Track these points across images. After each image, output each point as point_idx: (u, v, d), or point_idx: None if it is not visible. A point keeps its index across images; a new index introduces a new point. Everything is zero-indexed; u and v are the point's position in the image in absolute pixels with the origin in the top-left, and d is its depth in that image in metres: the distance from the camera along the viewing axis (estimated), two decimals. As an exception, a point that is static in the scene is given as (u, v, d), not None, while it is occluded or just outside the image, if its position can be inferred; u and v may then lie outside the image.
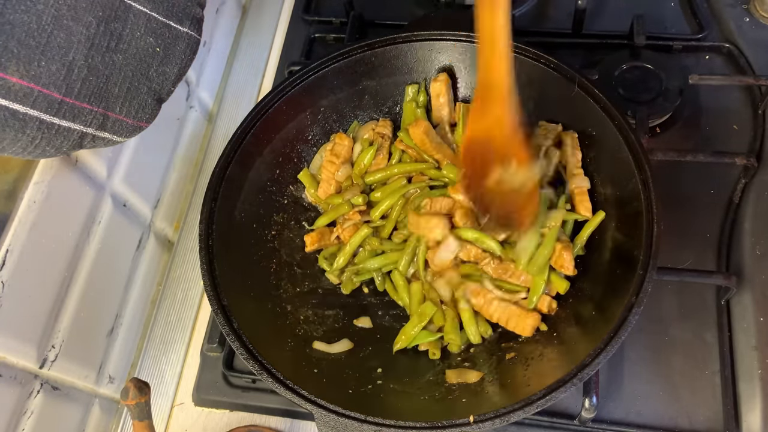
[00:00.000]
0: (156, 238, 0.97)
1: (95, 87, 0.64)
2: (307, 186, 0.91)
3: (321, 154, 0.92)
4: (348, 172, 0.90)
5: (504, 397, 0.71)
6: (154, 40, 0.69)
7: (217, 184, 0.81)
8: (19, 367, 0.71)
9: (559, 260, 0.77)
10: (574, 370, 0.65)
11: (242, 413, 0.86)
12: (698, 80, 0.95)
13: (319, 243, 0.88)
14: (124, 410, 0.89)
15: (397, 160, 0.91)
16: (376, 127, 0.93)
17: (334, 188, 0.90)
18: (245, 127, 0.84)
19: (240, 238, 0.83)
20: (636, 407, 0.80)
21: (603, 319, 0.69)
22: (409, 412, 0.74)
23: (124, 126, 0.70)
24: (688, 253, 0.88)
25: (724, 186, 0.92)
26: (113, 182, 0.85)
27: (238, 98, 1.13)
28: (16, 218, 0.69)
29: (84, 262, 0.81)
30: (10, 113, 0.57)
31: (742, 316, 0.82)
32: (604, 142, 0.80)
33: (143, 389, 0.67)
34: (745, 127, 0.96)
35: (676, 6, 1.10)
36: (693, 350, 0.82)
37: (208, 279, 0.75)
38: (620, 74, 0.99)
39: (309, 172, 0.92)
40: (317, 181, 0.91)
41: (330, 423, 0.66)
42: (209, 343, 0.86)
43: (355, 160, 0.91)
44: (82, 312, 0.80)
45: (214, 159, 0.83)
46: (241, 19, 1.23)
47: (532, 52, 0.84)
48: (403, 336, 0.80)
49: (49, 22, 0.58)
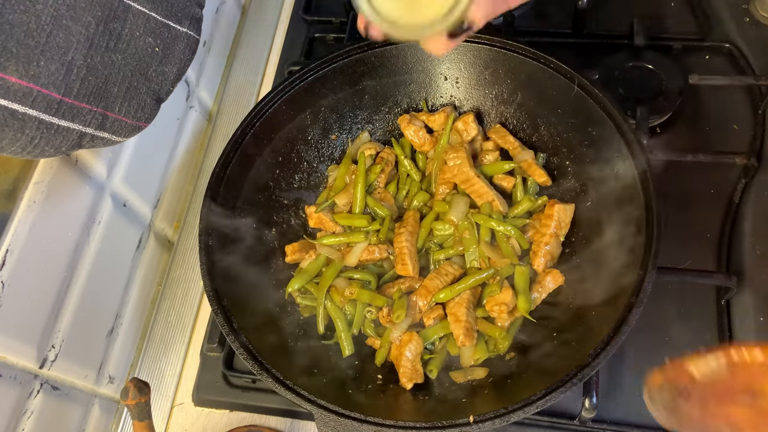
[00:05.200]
0: (156, 238, 0.97)
1: (94, 87, 0.64)
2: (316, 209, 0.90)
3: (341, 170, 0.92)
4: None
5: (504, 397, 0.71)
6: (153, 40, 0.69)
7: (217, 184, 0.81)
8: (19, 367, 0.71)
9: None
10: (574, 370, 0.65)
11: (242, 413, 0.86)
12: (698, 80, 0.95)
13: (299, 254, 0.87)
14: (124, 410, 0.89)
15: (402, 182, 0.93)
16: (381, 152, 0.94)
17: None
18: (245, 127, 0.84)
19: (240, 238, 0.83)
20: (636, 407, 0.80)
21: (603, 319, 0.69)
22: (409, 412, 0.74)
23: (124, 126, 0.70)
24: (688, 253, 0.87)
25: (724, 186, 0.92)
26: (113, 182, 0.85)
27: (238, 98, 1.13)
28: (15, 218, 0.69)
29: (84, 262, 0.81)
30: (9, 113, 0.57)
31: (742, 316, 0.81)
32: (604, 142, 0.80)
33: (143, 389, 0.67)
34: (745, 127, 0.95)
35: (676, 6, 1.09)
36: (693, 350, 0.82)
37: (207, 279, 0.75)
38: (620, 74, 0.99)
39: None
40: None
41: (330, 423, 0.66)
42: (209, 343, 0.86)
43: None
44: (82, 312, 0.80)
45: (214, 159, 0.83)
46: (241, 19, 1.23)
47: (532, 52, 0.84)
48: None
49: (48, 22, 0.58)
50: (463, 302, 0.79)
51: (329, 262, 0.86)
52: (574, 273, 0.81)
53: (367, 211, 0.90)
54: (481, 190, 0.86)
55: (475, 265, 0.83)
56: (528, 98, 0.89)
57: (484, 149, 0.92)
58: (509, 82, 0.89)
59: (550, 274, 0.81)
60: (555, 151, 0.89)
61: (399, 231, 0.85)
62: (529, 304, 0.79)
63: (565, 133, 0.87)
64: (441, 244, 0.87)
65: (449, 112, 0.92)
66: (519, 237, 0.83)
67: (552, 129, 0.89)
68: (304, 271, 0.85)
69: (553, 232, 0.82)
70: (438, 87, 0.94)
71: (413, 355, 0.77)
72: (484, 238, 0.84)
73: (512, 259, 0.82)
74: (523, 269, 0.80)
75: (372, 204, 0.89)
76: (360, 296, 0.81)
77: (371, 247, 0.85)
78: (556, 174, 0.89)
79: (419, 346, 0.78)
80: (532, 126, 0.91)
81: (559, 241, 0.84)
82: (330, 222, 0.88)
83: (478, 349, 0.78)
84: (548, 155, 0.90)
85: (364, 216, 0.88)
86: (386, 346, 0.80)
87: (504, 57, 0.87)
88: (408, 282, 0.83)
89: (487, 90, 0.92)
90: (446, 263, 0.84)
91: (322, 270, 0.86)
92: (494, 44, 0.86)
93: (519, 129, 0.93)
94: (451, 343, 0.80)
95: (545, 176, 0.88)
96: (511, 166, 0.89)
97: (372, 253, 0.85)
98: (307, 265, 0.86)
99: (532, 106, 0.90)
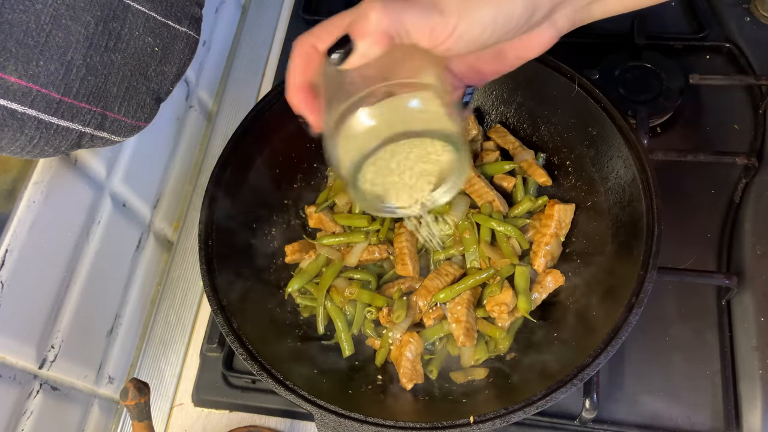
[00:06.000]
0: (155, 238, 0.97)
1: (94, 86, 0.64)
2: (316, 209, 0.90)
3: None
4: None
5: (504, 397, 0.71)
6: (152, 40, 0.69)
7: (217, 184, 0.81)
8: (18, 367, 0.71)
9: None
10: (574, 371, 0.65)
11: (242, 413, 0.86)
12: (698, 80, 0.95)
13: (299, 254, 0.87)
14: (124, 410, 0.89)
15: None
16: None
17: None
18: (245, 127, 0.84)
19: (240, 238, 0.83)
20: (636, 407, 0.80)
21: (603, 319, 0.69)
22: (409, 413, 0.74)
23: (123, 126, 0.69)
24: (689, 253, 0.87)
25: (725, 186, 0.92)
26: (113, 182, 0.85)
27: (238, 98, 1.13)
28: (15, 218, 0.69)
29: (83, 262, 0.80)
30: (8, 113, 0.57)
31: (742, 316, 0.81)
32: (604, 142, 0.80)
33: (143, 390, 0.67)
34: (746, 126, 0.95)
35: (676, 6, 1.09)
36: (693, 350, 0.82)
37: (207, 279, 0.74)
38: (620, 74, 0.99)
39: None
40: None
41: (330, 423, 0.66)
42: (209, 344, 0.86)
43: None
44: (81, 312, 0.80)
45: (214, 159, 0.83)
46: (241, 18, 1.23)
47: (532, 51, 0.84)
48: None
49: (48, 22, 0.58)
50: (463, 302, 0.78)
51: (329, 262, 0.86)
52: (574, 273, 0.81)
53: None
54: (481, 190, 0.86)
55: (475, 265, 0.82)
56: (528, 98, 0.89)
57: (484, 149, 0.92)
58: (509, 82, 0.89)
59: (551, 274, 0.81)
60: (555, 151, 0.89)
61: (399, 231, 0.85)
62: (529, 305, 0.79)
63: (566, 133, 0.87)
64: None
65: None
66: (519, 237, 0.83)
67: (552, 129, 0.88)
68: (304, 271, 0.85)
69: (553, 232, 0.82)
70: (438, 87, 0.94)
71: (413, 355, 0.77)
72: (484, 238, 0.83)
73: (512, 259, 0.82)
74: (523, 269, 0.80)
75: None
76: (360, 296, 0.81)
77: (371, 247, 0.85)
78: (557, 174, 0.89)
79: (419, 347, 0.78)
80: (532, 126, 0.91)
81: (560, 241, 0.84)
82: (330, 222, 0.88)
83: (478, 350, 0.78)
84: (548, 155, 0.90)
85: (364, 216, 0.88)
86: (386, 346, 0.79)
87: (504, 57, 0.86)
88: (408, 282, 0.83)
89: (487, 90, 0.92)
90: (446, 263, 0.84)
91: (322, 270, 0.85)
92: (494, 44, 0.86)
93: (519, 129, 0.93)
94: (451, 343, 0.80)
95: (545, 176, 0.88)
96: (512, 166, 0.89)
97: (372, 253, 0.85)
98: (307, 265, 0.86)
99: (532, 106, 0.89)
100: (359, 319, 0.81)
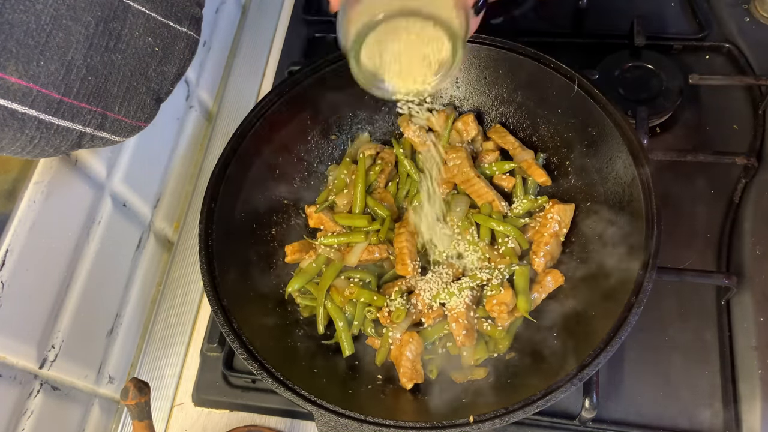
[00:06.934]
0: (156, 238, 0.97)
1: (94, 87, 0.64)
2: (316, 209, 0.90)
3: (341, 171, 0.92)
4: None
5: (504, 397, 0.71)
6: (152, 40, 0.69)
7: (217, 184, 0.81)
8: (18, 367, 0.71)
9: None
10: (574, 370, 0.65)
11: (242, 413, 0.86)
12: (698, 80, 0.95)
13: (299, 254, 0.87)
14: (124, 410, 0.89)
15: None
16: (381, 152, 0.94)
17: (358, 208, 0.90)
18: (245, 127, 0.84)
19: (240, 238, 0.83)
20: (636, 407, 0.80)
21: (602, 319, 0.69)
22: (409, 412, 0.74)
23: (123, 126, 0.70)
24: (688, 253, 0.87)
25: (724, 186, 0.92)
26: (113, 182, 0.85)
27: (238, 98, 1.13)
28: (15, 218, 0.69)
29: (84, 262, 0.81)
30: (8, 113, 0.57)
31: (742, 316, 0.81)
32: (604, 142, 0.80)
33: (143, 389, 0.67)
34: (745, 127, 0.95)
35: (676, 6, 1.09)
36: (693, 350, 0.82)
37: (207, 279, 0.75)
38: (620, 74, 0.99)
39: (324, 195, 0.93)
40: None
41: (330, 423, 0.66)
42: (209, 343, 0.86)
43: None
44: (81, 312, 0.80)
45: (214, 159, 0.83)
46: (241, 19, 1.23)
47: (532, 52, 0.84)
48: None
49: (48, 22, 0.58)
50: (463, 302, 0.79)
51: (329, 262, 0.86)
52: (574, 273, 0.81)
53: (367, 211, 0.90)
54: (481, 190, 0.86)
55: (475, 265, 0.83)
56: (528, 98, 0.89)
57: (484, 149, 0.92)
58: (509, 82, 0.89)
59: (550, 274, 0.81)
60: (555, 151, 0.89)
61: (399, 231, 0.85)
62: (529, 304, 0.79)
63: (565, 133, 0.87)
64: None
65: (449, 112, 0.92)
66: (519, 237, 0.83)
67: (552, 129, 0.89)
68: (304, 271, 0.85)
69: (553, 232, 0.82)
70: (438, 87, 0.94)
71: (413, 355, 0.77)
72: (484, 238, 0.84)
73: (512, 259, 0.82)
74: (523, 269, 0.80)
75: (372, 204, 0.89)
76: (360, 296, 0.81)
77: (371, 247, 0.85)
78: (556, 174, 0.89)
79: (419, 346, 0.78)
80: (532, 126, 0.91)
81: (559, 241, 0.84)
82: (330, 222, 0.88)
83: (478, 349, 0.78)
84: (548, 155, 0.90)
85: (364, 216, 0.88)
86: (386, 346, 0.80)
87: (504, 57, 0.86)
88: (408, 282, 0.83)
89: (487, 90, 0.92)
90: (446, 263, 0.84)
91: (322, 270, 0.86)
92: (494, 44, 0.86)
93: (519, 129, 0.93)
94: (451, 343, 0.80)
95: (545, 176, 0.88)
96: (511, 166, 0.89)
97: (372, 253, 0.85)
98: (307, 265, 0.86)
99: (532, 106, 0.90)
100: (359, 319, 0.81)
